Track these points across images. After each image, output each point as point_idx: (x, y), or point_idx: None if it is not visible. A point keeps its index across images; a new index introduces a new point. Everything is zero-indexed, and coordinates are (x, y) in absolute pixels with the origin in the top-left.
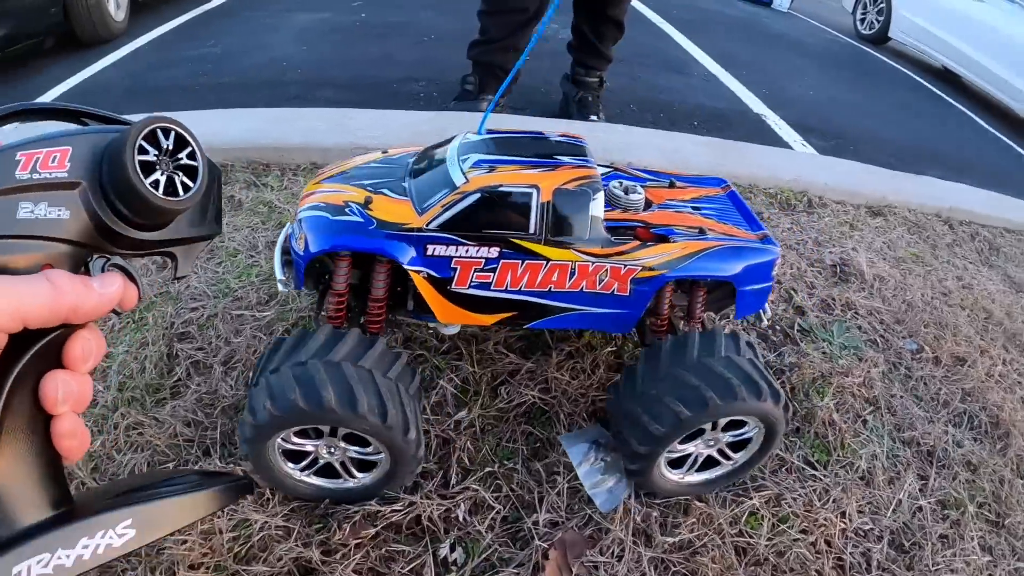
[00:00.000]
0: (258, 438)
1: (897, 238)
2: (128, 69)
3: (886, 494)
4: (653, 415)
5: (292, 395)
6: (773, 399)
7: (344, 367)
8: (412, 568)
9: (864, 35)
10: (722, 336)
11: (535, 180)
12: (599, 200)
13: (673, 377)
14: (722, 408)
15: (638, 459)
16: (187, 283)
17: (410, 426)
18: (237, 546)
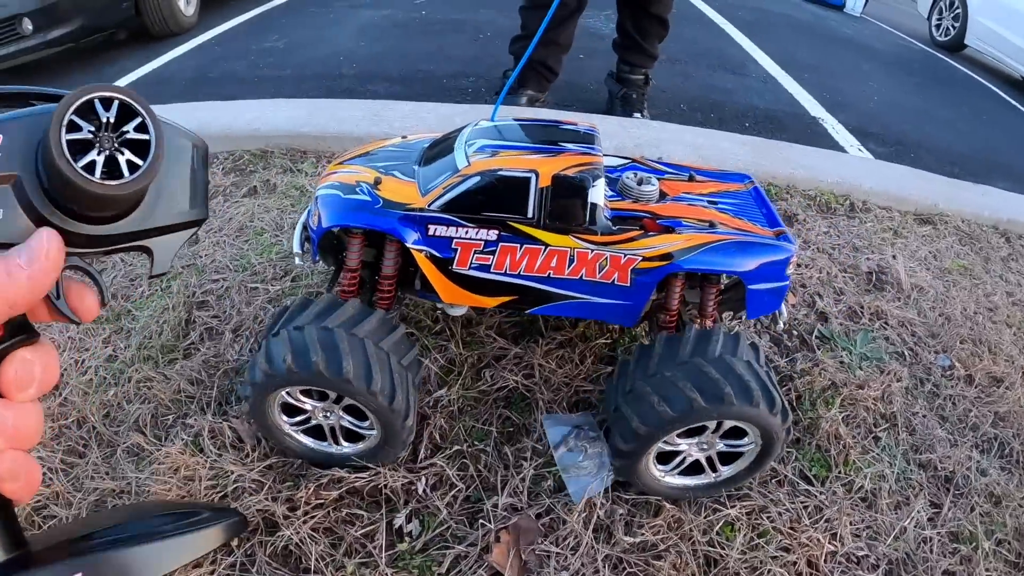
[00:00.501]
0: (267, 387)
1: (945, 248)
2: (193, 62)
3: (889, 519)
4: (664, 396)
5: (315, 356)
6: (782, 416)
7: (367, 344)
8: (366, 532)
9: (939, 42)
10: (745, 341)
11: (535, 165)
12: (599, 187)
13: (694, 366)
14: (735, 409)
15: (636, 440)
16: (212, 257)
17: (410, 413)
18: (213, 493)
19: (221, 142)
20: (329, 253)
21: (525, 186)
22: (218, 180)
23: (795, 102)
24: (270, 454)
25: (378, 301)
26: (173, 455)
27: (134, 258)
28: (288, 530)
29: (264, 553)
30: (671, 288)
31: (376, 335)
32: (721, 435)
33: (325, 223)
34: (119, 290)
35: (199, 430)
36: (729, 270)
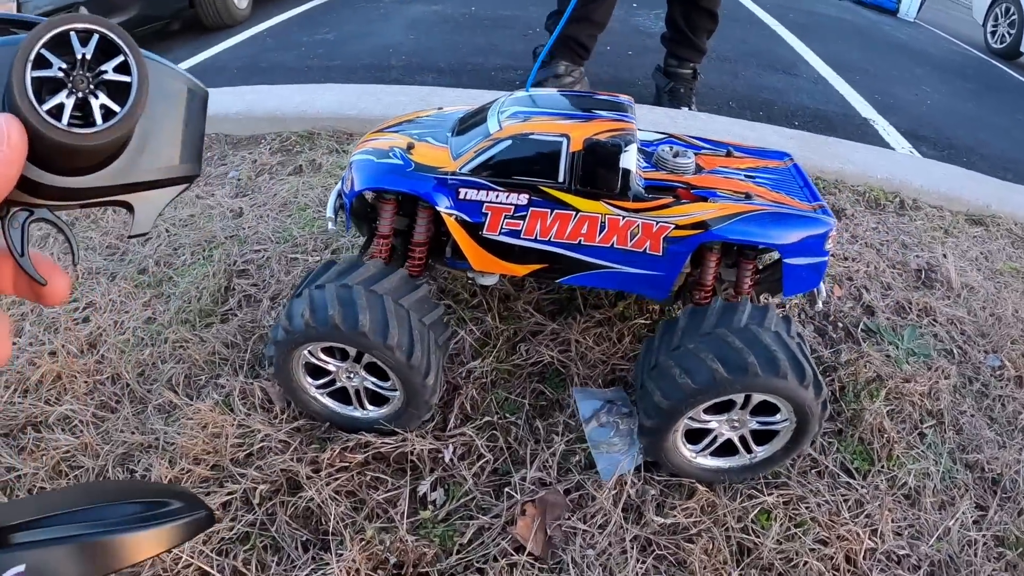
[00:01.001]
0: (288, 344)
1: (997, 250)
2: (245, 52)
3: (933, 519)
4: (686, 368)
5: (331, 311)
6: (815, 389)
7: (385, 300)
8: (388, 498)
9: (995, 49)
10: (774, 312)
11: (566, 129)
12: (631, 152)
13: (717, 336)
14: (761, 380)
15: (658, 415)
16: (255, 229)
17: (431, 371)
18: (238, 451)
19: (269, 123)
20: (363, 221)
21: (556, 150)
22: (265, 159)
23: (846, 103)
24: (299, 417)
25: (409, 268)
26: (203, 411)
27: (178, 228)
28: (311, 491)
29: (285, 513)
30: (706, 263)
31: (397, 292)
32: (752, 411)
33: (358, 186)
34: (162, 257)
35: (230, 390)
36: (765, 241)
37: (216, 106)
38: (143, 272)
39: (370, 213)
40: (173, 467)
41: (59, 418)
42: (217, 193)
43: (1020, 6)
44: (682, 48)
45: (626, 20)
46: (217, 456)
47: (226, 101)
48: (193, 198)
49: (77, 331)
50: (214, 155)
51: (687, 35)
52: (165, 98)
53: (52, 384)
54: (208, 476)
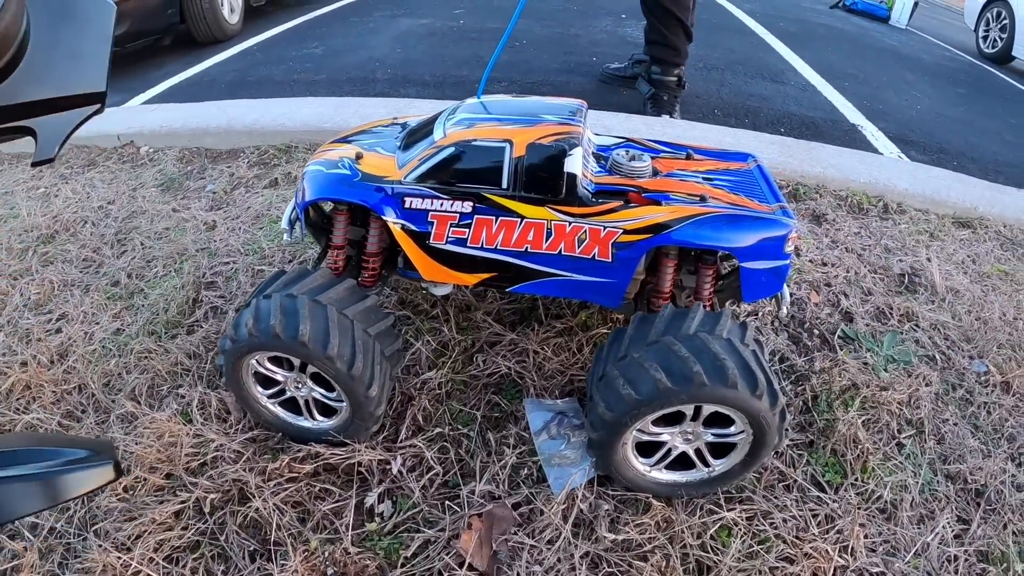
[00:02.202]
0: (234, 353)
1: (985, 252)
2: (235, 66)
3: (910, 534)
4: (630, 379)
5: (273, 320)
6: (770, 399)
7: (328, 309)
8: (335, 509)
9: (986, 53)
10: (728, 318)
11: (509, 135)
12: (575, 156)
13: (663, 345)
14: (707, 391)
15: (603, 427)
16: (226, 242)
17: (374, 383)
18: (192, 460)
19: (248, 137)
20: (321, 232)
21: (499, 155)
22: (242, 172)
23: (834, 109)
24: (254, 428)
25: (362, 279)
26: (159, 421)
27: (124, 226)
28: (258, 500)
29: (235, 522)
30: (662, 269)
31: (343, 303)
32: (706, 423)
33: (308, 196)
34: (134, 270)
35: (190, 400)
36: (718, 245)
37: (199, 121)
38: (116, 284)
39: (327, 224)
40: (128, 475)
41: (26, 427)
42: (193, 206)
43: (1012, 11)
44: (660, 49)
45: (614, 31)
46: (171, 465)
47: (209, 115)
48: (169, 211)
49: (48, 341)
50: (194, 170)
51: (663, 33)
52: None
53: (21, 393)
54: (163, 485)
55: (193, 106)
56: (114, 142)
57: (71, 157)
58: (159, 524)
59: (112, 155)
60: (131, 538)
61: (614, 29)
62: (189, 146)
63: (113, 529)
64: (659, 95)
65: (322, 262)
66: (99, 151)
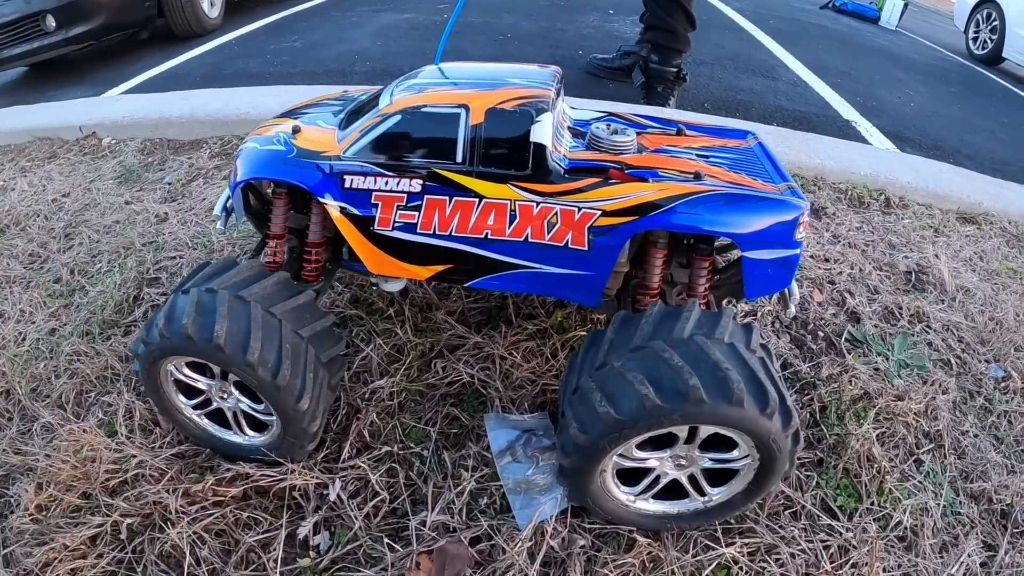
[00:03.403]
0: (147, 358)
1: (992, 249)
2: (211, 59)
3: (933, 565)
4: (608, 393)
5: (185, 320)
6: (783, 418)
7: (252, 307)
8: (264, 540)
9: (976, 55)
10: (730, 319)
11: (466, 99)
12: (544, 123)
13: (651, 351)
14: (707, 409)
15: (576, 452)
16: (174, 235)
17: (304, 394)
18: (111, 477)
19: (211, 127)
20: (263, 221)
21: (453, 124)
22: (203, 163)
23: (827, 105)
24: (183, 442)
25: (304, 273)
26: (77, 433)
27: (74, 219)
28: (175, 529)
29: (154, 551)
30: (650, 260)
31: (271, 299)
32: (702, 446)
33: (239, 177)
34: (78, 265)
35: (116, 409)
36: (717, 230)
37: (162, 111)
38: (57, 281)
39: (269, 211)
40: (41, 492)
41: None
42: (146, 198)
43: (1002, 12)
44: (660, 34)
45: (601, 26)
46: (88, 483)
47: (172, 105)
48: (122, 204)
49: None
50: (154, 161)
51: (663, 18)
52: None
53: None
54: (79, 505)
55: (157, 96)
56: (76, 134)
57: (33, 150)
58: (71, 551)
59: (73, 147)
60: (40, 566)
61: (601, 24)
62: (152, 137)
63: (23, 555)
64: (653, 85)
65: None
66: (61, 143)
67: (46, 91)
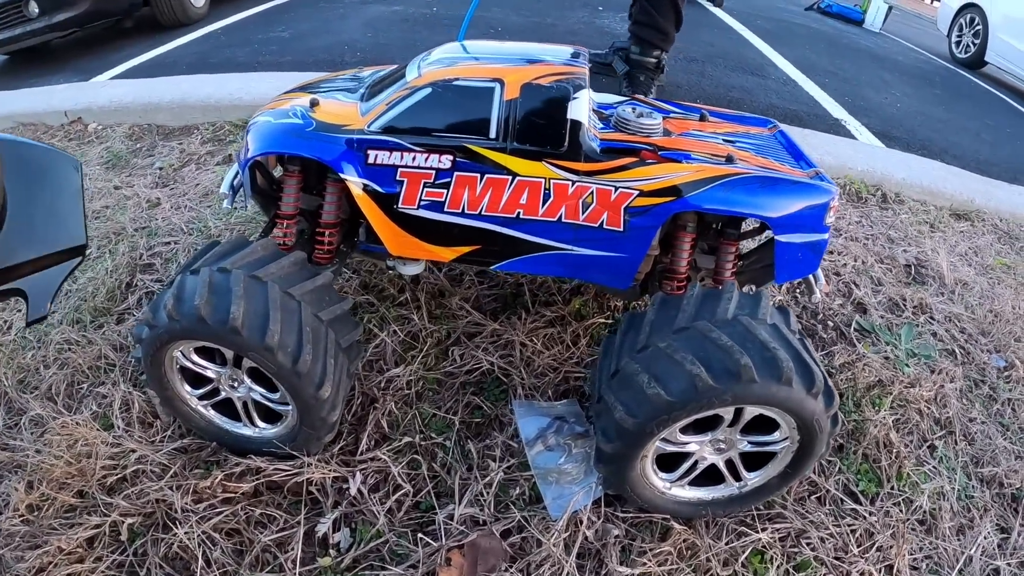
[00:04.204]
0: (153, 343)
1: (985, 245)
2: (197, 49)
3: (952, 547)
4: (656, 374)
5: (197, 300)
6: (826, 399)
7: (269, 288)
8: (280, 539)
9: (959, 59)
10: (768, 300)
11: (500, 74)
12: (581, 100)
13: (697, 332)
14: (758, 388)
15: (621, 437)
16: (168, 220)
17: (326, 381)
18: (109, 474)
19: (203, 113)
20: (271, 202)
21: (487, 98)
22: (194, 148)
23: (816, 104)
24: (185, 435)
25: (315, 255)
26: (70, 426)
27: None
28: (183, 529)
29: (158, 553)
30: (678, 243)
31: (288, 280)
32: (743, 429)
33: (252, 151)
34: None
35: (111, 400)
36: (753, 212)
37: (150, 96)
38: None
39: (276, 191)
40: (32, 491)
41: None
42: (137, 184)
43: (984, 17)
44: (646, 30)
45: (591, 22)
46: (84, 480)
47: (161, 90)
48: (111, 188)
49: None
50: (143, 147)
51: (653, 16)
52: (30, 174)
53: None
54: (74, 504)
55: (145, 81)
56: (62, 119)
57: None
58: (67, 554)
59: (58, 132)
60: (33, 572)
61: (591, 20)
62: (140, 122)
63: (13, 559)
64: (635, 74)
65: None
66: (45, 128)
67: (28, 79)
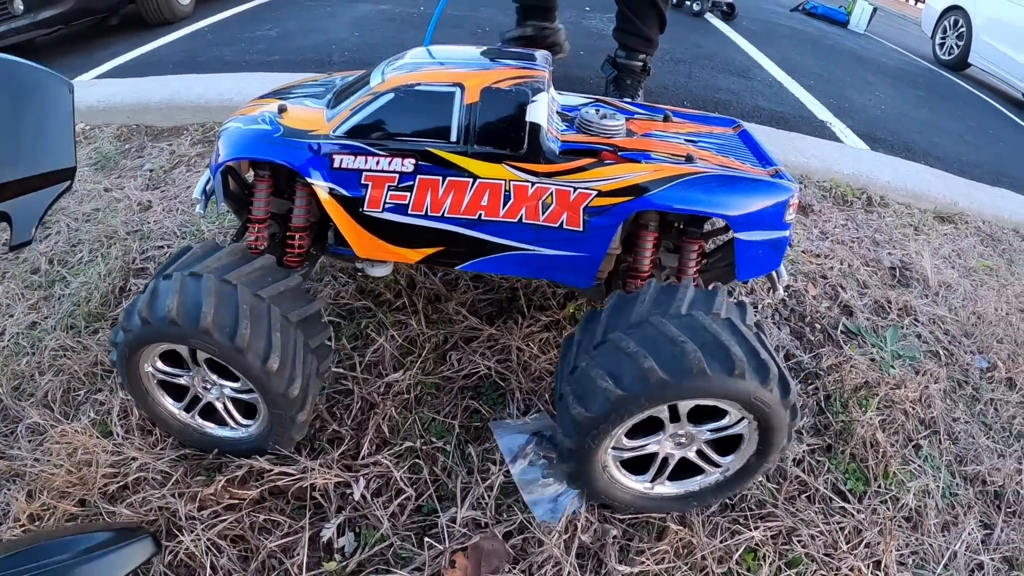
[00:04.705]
0: (127, 347)
1: (968, 247)
2: (184, 47)
3: (938, 543)
4: (578, 395)
5: (169, 302)
6: (758, 376)
7: (240, 290)
8: (285, 545)
9: (943, 60)
10: (724, 296)
11: (460, 78)
12: (540, 102)
13: (651, 326)
14: (670, 386)
15: (577, 433)
16: (160, 224)
17: (295, 380)
18: (110, 482)
19: (192, 113)
20: (243, 206)
21: (448, 102)
22: (184, 150)
23: (802, 106)
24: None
25: (286, 258)
26: (70, 435)
27: (80, 223)
28: (189, 536)
29: (162, 562)
30: (641, 243)
31: (258, 283)
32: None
33: (222, 157)
34: (57, 255)
35: (109, 408)
36: (712, 211)
37: (139, 96)
38: (35, 272)
39: (249, 196)
40: (33, 501)
41: None
42: (127, 186)
43: (968, 19)
44: (630, 37)
45: (578, 22)
46: (85, 489)
47: (150, 90)
48: (101, 191)
49: None
50: (132, 147)
51: (635, 23)
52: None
53: None
54: (75, 513)
55: (133, 81)
56: None
57: None
58: None
59: None
60: None
61: (578, 21)
62: (128, 123)
63: None
64: (622, 78)
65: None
66: None
67: None
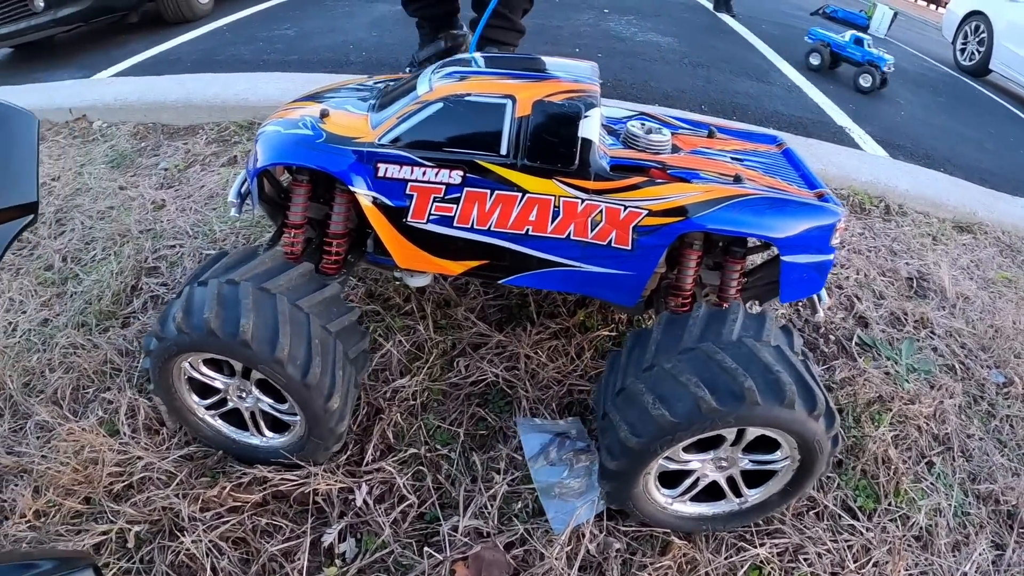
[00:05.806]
0: (162, 355)
1: (987, 258)
2: (202, 46)
3: (948, 563)
4: (662, 395)
5: (207, 313)
6: (827, 421)
7: (278, 300)
8: (286, 549)
9: (964, 66)
10: (772, 321)
11: (512, 90)
12: (592, 118)
13: (702, 353)
14: (760, 411)
15: (624, 456)
16: (173, 223)
17: (335, 392)
18: (115, 481)
19: (208, 113)
20: (278, 210)
21: (498, 115)
22: (199, 149)
23: (820, 111)
24: (193, 442)
25: (323, 265)
26: (77, 433)
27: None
28: (190, 537)
29: (164, 561)
30: (685, 261)
31: (296, 292)
32: (745, 448)
33: (261, 162)
34: (71, 252)
35: (117, 407)
36: (760, 233)
37: (156, 95)
38: (49, 268)
39: (284, 200)
40: (39, 497)
41: None
42: (142, 184)
43: (990, 25)
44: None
45: (596, 24)
46: (90, 487)
47: (167, 89)
48: (116, 189)
49: None
50: (148, 146)
51: (505, 16)
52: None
53: None
54: (80, 511)
55: (150, 79)
56: (66, 116)
57: None
58: None
59: (63, 130)
60: None
61: (596, 23)
62: (145, 121)
63: None
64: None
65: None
66: (49, 125)
67: (32, 73)
